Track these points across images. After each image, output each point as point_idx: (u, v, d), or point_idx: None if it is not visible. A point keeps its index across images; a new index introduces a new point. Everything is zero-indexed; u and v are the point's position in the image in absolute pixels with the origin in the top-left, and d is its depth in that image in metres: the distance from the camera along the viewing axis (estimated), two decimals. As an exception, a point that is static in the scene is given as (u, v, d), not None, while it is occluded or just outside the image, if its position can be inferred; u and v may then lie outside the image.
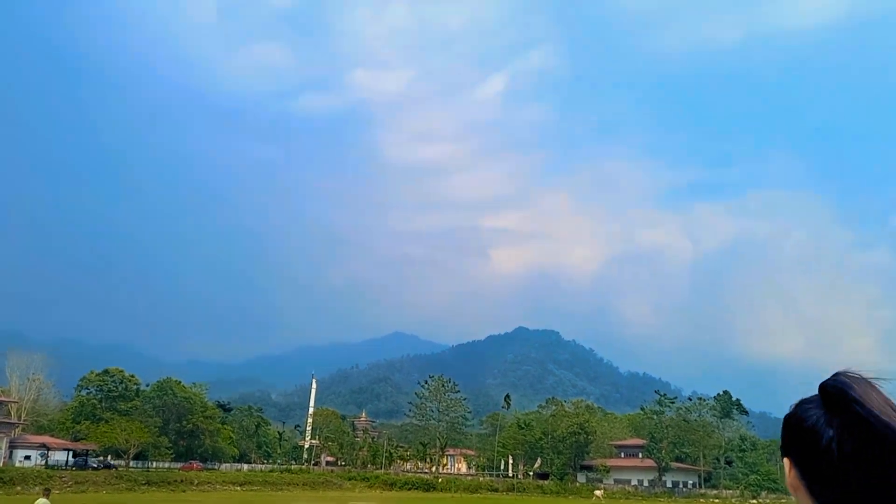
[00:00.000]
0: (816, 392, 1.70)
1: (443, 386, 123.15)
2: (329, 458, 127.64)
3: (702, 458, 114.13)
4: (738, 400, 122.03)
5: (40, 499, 23.22)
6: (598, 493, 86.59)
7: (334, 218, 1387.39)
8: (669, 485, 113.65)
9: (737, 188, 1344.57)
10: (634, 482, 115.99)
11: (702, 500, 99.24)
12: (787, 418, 1.72)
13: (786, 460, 1.71)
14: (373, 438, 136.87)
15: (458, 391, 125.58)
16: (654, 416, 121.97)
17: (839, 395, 1.64)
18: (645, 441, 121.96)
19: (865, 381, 1.64)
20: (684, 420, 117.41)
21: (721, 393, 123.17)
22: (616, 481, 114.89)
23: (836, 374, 1.67)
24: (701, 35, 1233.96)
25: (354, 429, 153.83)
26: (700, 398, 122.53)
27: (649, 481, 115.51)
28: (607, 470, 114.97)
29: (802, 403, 1.70)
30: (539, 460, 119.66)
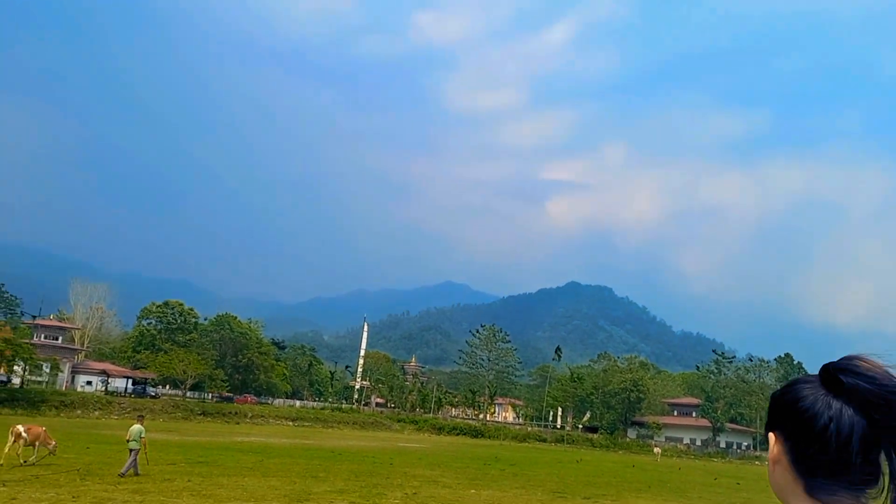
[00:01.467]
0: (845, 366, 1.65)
1: (494, 335, 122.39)
2: (379, 400, 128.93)
3: (758, 421, 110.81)
4: (800, 363, 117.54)
5: (135, 425, 24.67)
6: (656, 449, 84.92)
7: (391, 164, 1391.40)
8: (723, 445, 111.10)
9: (808, 141, 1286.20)
10: (686, 441, 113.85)
11: (756, 462, 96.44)
12: (780, 396, 1.72)
13: (772, 434, 1.72)
14: (422, 383, 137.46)
15: (509, 341, 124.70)
16: (711, 376, 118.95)
17: (846, 377, 1.61)
18: (699, 400, 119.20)
19: (877, 365, 1.60)
20: (742, 381, 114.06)
21: (783, 356, 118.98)
22: (668, 439, 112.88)
23: (847, 357, 1.64)
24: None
25: (404, 373, 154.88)
26: (761, 360, 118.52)
27: (702, 441, 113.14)
28: (659, 427, 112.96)
29: (798, 383, 1.70)
30: (589, 414, 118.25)
